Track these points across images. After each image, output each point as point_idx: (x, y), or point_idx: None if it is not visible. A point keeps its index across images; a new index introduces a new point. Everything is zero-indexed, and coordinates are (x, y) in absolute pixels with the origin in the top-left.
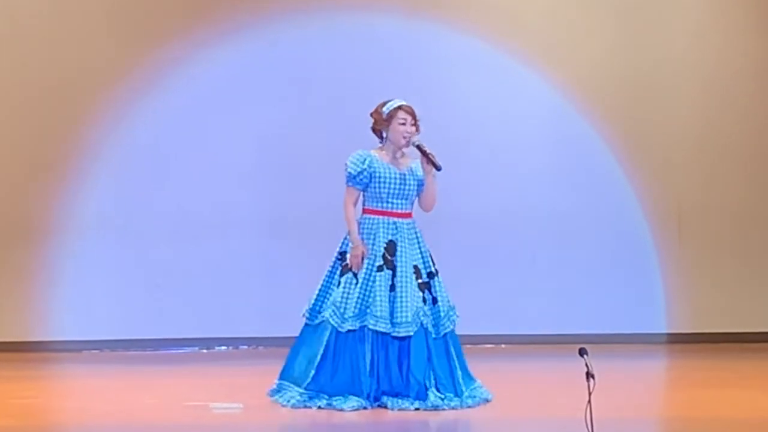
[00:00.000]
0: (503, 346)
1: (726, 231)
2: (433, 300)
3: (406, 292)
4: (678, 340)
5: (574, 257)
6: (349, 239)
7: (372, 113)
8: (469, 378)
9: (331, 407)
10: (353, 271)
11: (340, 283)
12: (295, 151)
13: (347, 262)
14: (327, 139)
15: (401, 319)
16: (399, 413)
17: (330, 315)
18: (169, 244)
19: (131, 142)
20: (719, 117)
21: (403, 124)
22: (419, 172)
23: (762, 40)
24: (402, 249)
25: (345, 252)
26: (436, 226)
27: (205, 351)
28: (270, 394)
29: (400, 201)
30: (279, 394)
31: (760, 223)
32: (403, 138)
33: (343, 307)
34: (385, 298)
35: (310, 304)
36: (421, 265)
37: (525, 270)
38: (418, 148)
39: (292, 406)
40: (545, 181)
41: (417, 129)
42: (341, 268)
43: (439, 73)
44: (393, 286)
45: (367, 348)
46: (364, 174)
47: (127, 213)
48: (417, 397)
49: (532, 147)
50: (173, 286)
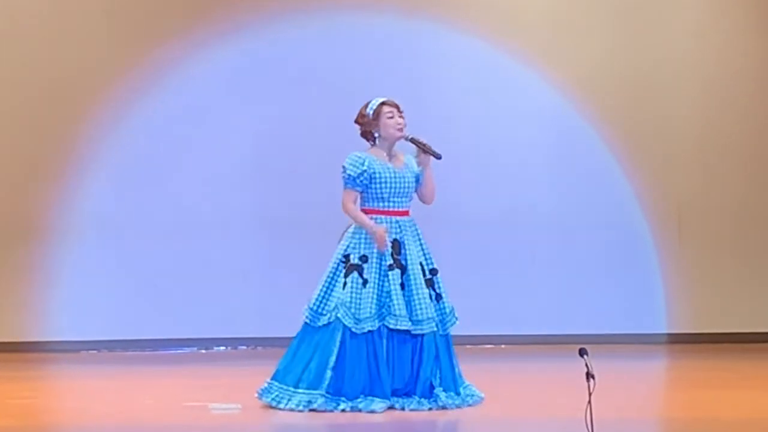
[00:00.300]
0: (503, 346)
1: (726, 231)
2: (437, 297)
3: (419, 289)
4: (678, 340)
5: (574, 257)
6: (366, 230)
7: (356, 120)
8: (461, 376)
9: (357, 410)
10: (378, 250)
11: (346, 284)
12: (294, 151)
13: (351, 262)
14: (326, 139)
15: (421, 316)
16: (402, 413)
17: (342, 316)
18: (168, 244)
19: (130, 142)
20: (719, 117)
21: (392, 117)
22: (415, 167)
23: (762, 40)
24: (408, 247)
25: (348, 254)
26: (436, 226)
27: (203, 351)
28: (262, 396)
29: (401, 199)
30: (270, 395)
31: (760, 223)
32: (396, 130)
33: (354, 308)
34: (401, 297)
35: (312, 305)
36: (424, 262)
37: (525, 270)
38: (412, 141)
39: (309, 409)
40: (545, 181)
41: (403, 119)
42: (345, 269)
43: (438, 72)
44: (403, 285)
45: (384, 347)
46: (364, 176)
47: (126, 213)
48: (422, 395)
49: (532, 147)
50: (172, 286)
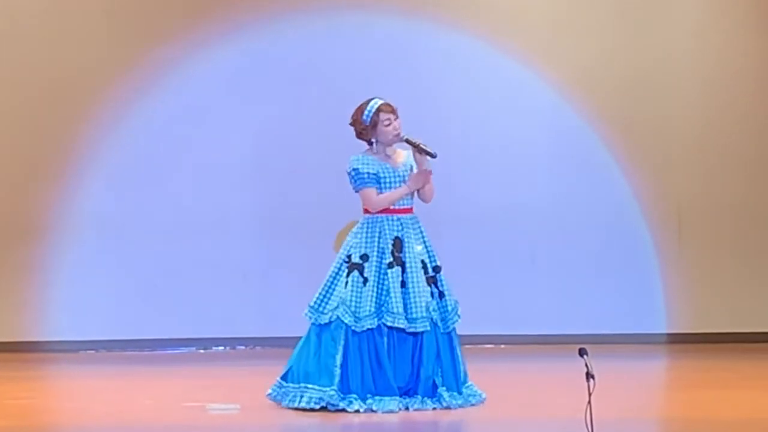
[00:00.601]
0: (503, 346)
1: (726, 231)
2: (440, 294)
3: (417, 287)
4: (678, 340)
5: (574, 257)
6: (408, 188)
7: (351, 123)
8: (465, 375)
9: (371, 411)
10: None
11: (347, 283)
12: (293, 150)
13: (353, 261)
14: (326, 139)
15: (416, 315)
16: (406, 412)
17: (342, 314)
18: (166, 244)
19: (130, 142)
20: (719, 117)
21: (389, 124)
22: (413, 165)
23: (762, 39)
24: (409, 245)
25: (350, 254)
26: (435, 226)
27: (202, 351)
28: (272, 397)
29: (403, 198)
30: (280, 394)
31: (761, 223)
32: (392, 136)
33: (354, 306)
34: (399, 295)
35: (312, 303)
36: (427, 259)
37: (524, 270)
38: (407, 141)
39: (320, 407)
40: (545, 180)
41: (398, 117)
42: (347, 269)
43: (438, 72)
44: (404, 283)
45: (385, 345)
46: (373, 173)
47: (125, 213)
48: (425, 394)
49: (532, 147)
50: (170, 286)
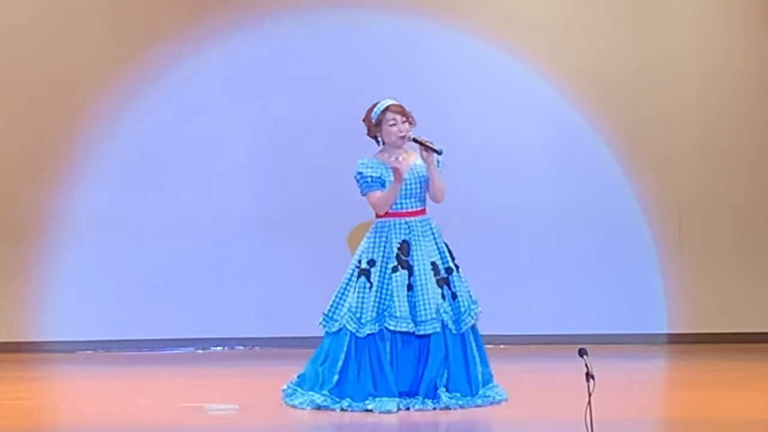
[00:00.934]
0: (502, 346)
1: (727, 231)
2: (453, 295)
3: (426, 289)
4: (678, 340)
5: (574, 257)
6: (393, 185)
7: (363, 120)
8: (488, 376)
9: (366, 410)
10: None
11: (356, 289)
12: (292, 150)
13: (361, 267)
14: (324, 138)
15: (425, 317)
16: (405, 413)
17: (347, 321)
18: (164, 243)
19: (126, 141)
20: (720, 116)
21: (394, 125)
22: (423, 168)
23: (763, 38)
24: (417, 247)
25: (360, 260)
26: None
27: (200, 351)
28: (282, 397)
29: (410, 200)
30: (291, 398)
31: (761, 223)
32: (398, 138)
33: (359, 313)
34: (403, 299)
35: (327, 312)
36: (438, 261)
37: (524, 270)
38: (414, 140)
39: (313, 408)
40: (545, 180)
41: (411, 124)
42: (357, 275)
43: (437, 71)
44: (411, 286)
45: (387, 350)
46: (377, 176)
47: (123, 212)
48: (426, 395)
49: (532, 146)
50: (168, 286)
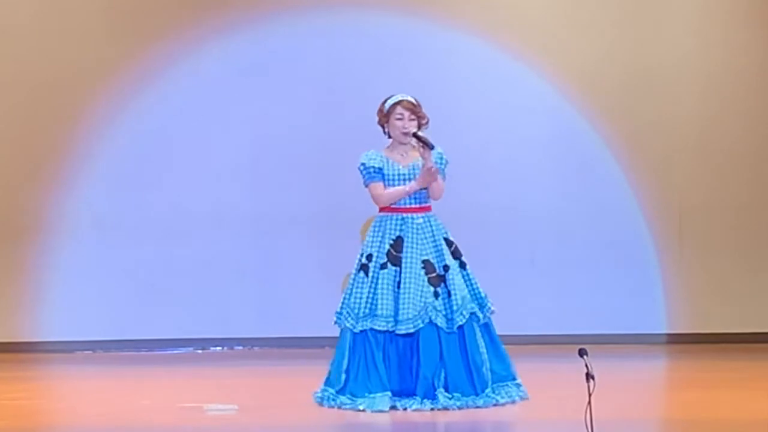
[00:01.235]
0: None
1: (727, 231)
2: (449, 293)
3: (410, 287)
4: (678, 340)
5: (574, 257)
6: (416, 186)
7: (377, 110)
8: (502, 374)
9: (357, 410)
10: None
11: (356, 284)
12: (291, 149)
13: (362, 263)
14: (324, 138)
15: (404, 316)
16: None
17: (345, 318)
18: (163, 243)
19: (126, 141)
20: (721, 115)
21: (400, 119)
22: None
23: (764, 38)
24: (410, 244)
25: (362, 255)
26: None
27: (199, 351)
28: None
29: (407, 196)
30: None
31: (761, 223)
32: (401, 133)
33: (357, 308)
34: (388, 296)
35: (338, 309)
36: (433, 258)
37: (524, 270)
38: (414, 135)
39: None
40: (544, 180)
41: (420, 123)
42: (359, 269)
43: (437, 70)
44: (400, 283)
45: (380, 346)
46: (378, 167)
47: (122, 212)
48: (425, 395)
49: (532, 146)
50: (167, 285)
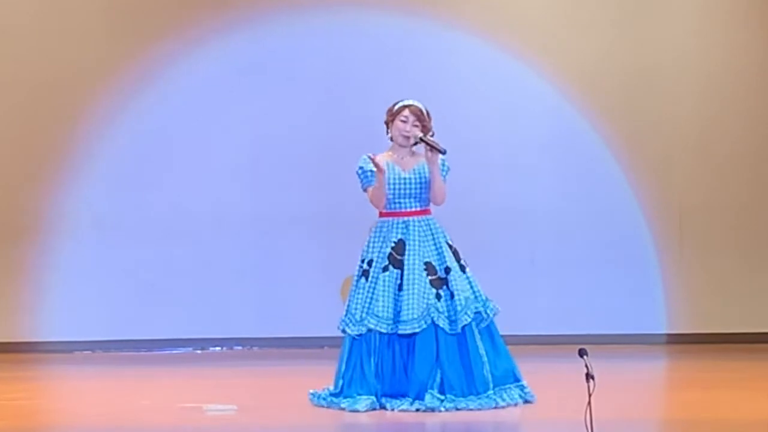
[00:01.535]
0: None
1: (727, 231)
2: (451, 295)
3: (413, 289)
4: (678, 340)
5: (574, 257)
6: (377, 173)
7: (387, 109)
8: (505, 376)
9: (340, 408)
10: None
11: (358, 290)
12: (290, 149)
13: (363, 267)
14: (324, 138)
15: (407, 317)
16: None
17: (346, 324)
18: (163, 243)
19: (126, 141)
20: (720, 116)
21: (404, 122)
22: (426, 170)
23: (764, 38)
24: (412, 247)
25: (362, 260)
26: None
27: (199, 352)
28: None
29: (409, 200)
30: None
31: (761, 223)
32: (402, 137)
33: (356, 312)
34: (388, 298)
35: (344, 315)
36: (435, 261)
37: (524, 270)
38: (421, 140)
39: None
40: (545, 180)
41: (425, 129)
42: (360, 275)
43: (436, 70)
44: (401, 285)
45: (372, 350)
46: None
47: (121, 212)
48: (417, 396)
49: (532, 146)
50: (167, 286)
